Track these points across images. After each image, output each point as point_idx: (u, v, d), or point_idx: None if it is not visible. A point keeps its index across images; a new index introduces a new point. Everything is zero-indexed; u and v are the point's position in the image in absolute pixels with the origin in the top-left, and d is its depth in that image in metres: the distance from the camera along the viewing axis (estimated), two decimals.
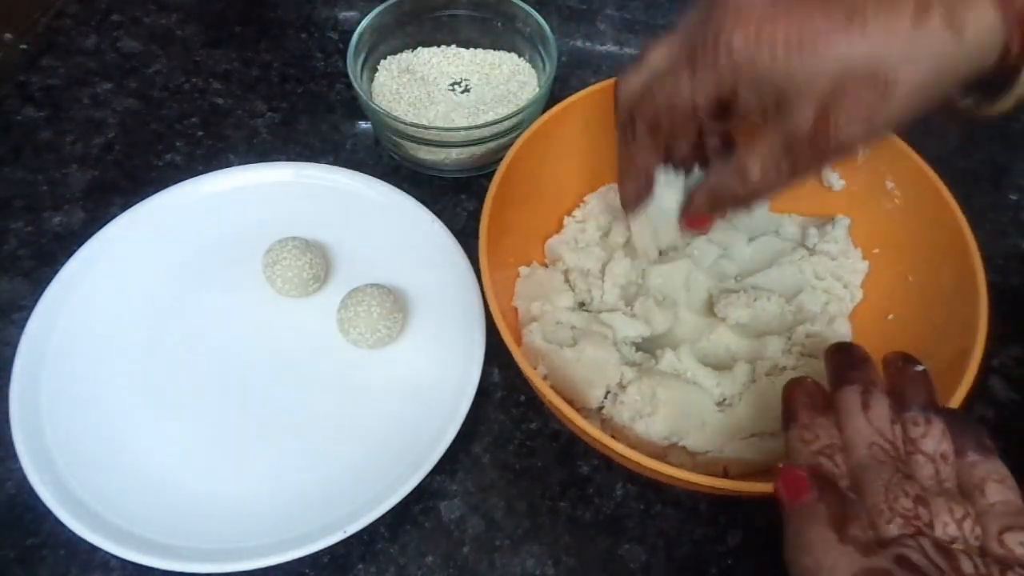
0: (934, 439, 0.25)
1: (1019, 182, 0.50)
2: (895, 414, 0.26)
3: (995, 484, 0.24)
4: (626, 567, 0.36)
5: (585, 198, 0.43)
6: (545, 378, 0.36)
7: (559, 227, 0.43)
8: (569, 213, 0.43)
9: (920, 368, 0.27)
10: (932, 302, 0.36)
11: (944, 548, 0.22)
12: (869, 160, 0.40)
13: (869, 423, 0.25)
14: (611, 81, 0.40)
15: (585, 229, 0.42)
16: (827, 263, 0.41)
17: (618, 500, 0.37)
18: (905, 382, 0.27)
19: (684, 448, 0.35)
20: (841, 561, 0.21)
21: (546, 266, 0.42)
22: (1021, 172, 0.50)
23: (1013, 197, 0.49)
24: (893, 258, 0.40)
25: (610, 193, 0.43)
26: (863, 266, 0.41)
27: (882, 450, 0.24)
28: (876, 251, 0.41)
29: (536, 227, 0.42)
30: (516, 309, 0.40)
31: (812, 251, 0.41)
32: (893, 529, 0.22)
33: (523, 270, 0.41)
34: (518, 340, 0.37)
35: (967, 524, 0.23)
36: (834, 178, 0.42)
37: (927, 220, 0.37)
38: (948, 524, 0.23)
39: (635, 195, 0.35)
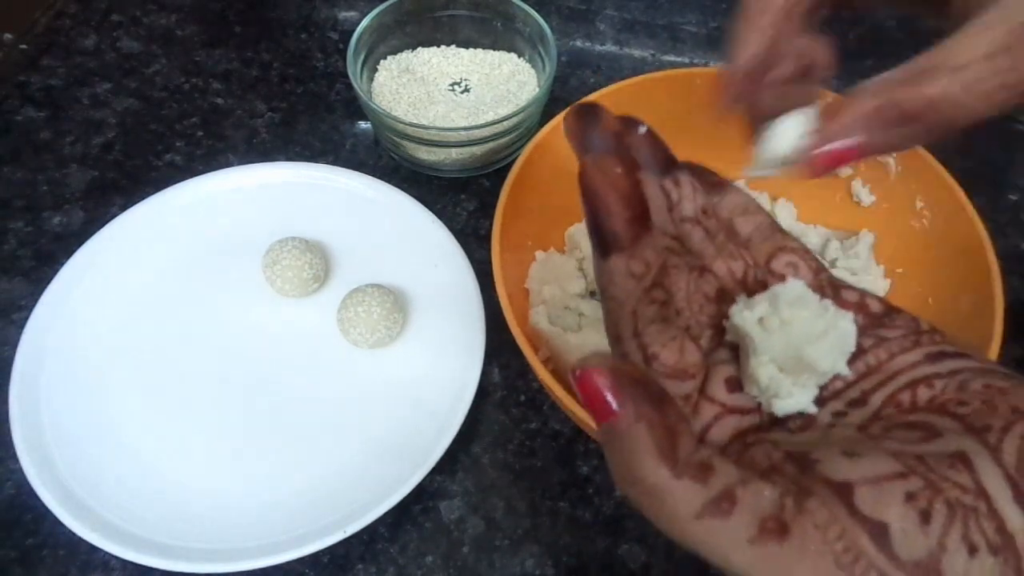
0: (688, 199, 0.22)
1: (1019, 182, 0.50)
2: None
3: (741, 217, 0.23)
4: (626, 567, 0.36)
5: None
6: (547, 361, 0.36)
7: (582, 217, 0.43)
8: None
9: (644, 129, 0.23)
10: (948, 327, 0.36)
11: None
12: (901, 176, 0.40)
13: (680, 214, 0.22)
14: (640, 78, 0.40)
15: None
16: (847, 278, 0.41)
17: (618, 500, 0.37)
18: (641, 148, 0.23)
19: None
20: (681, 504, 0.17)
21: (564, 252, 0.42)
22: (1021, 172, 0.50)
23: (1013, 197, 0.49)
24: (915, 279, 0.40)
25: None
26: (884, 284, 0.41)
27: (671, 250, 0.22)
28: (900, 271, 0.41)
29: (559, 214, 0.42)
30: (527, 291, 0.40)
31: (832, 265, 0.41)
32: (705, 343, 0.21)
33: (539, 254, 0.41)
34: (523, 322, 0.37)
35: (749, 275, 0.22)
36: (864, 192, 0.42)
37: (952, 244, 0.37)
38: (734, 288, 0.21)
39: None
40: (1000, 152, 0.51)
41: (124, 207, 0.44)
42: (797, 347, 0.19)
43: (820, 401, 0.20)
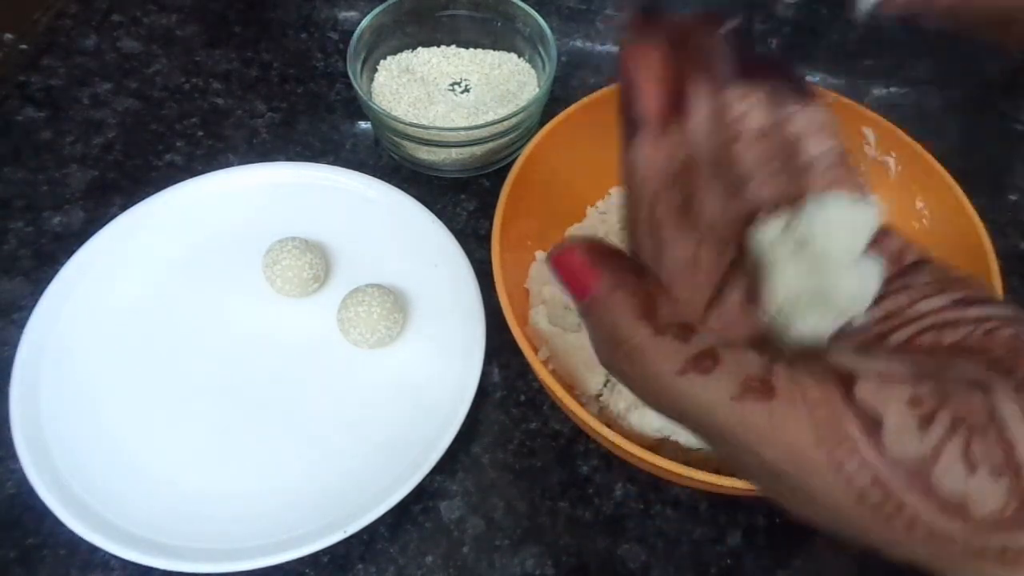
0: (758, 113, 0.20)
1: (1019, 182, 0.50)
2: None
3: (813, 137, 0.20)
4: (626, 567, 0.36)
5: (611, 190, 0.44)
6: (546, 362, 0.36)
7: (583, 217, 0.43)
8: (593, 204, 0.43)
9: (730, 25, 0.21)
10: None
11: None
12: (901, 177, 0.40)
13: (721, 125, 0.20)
14: None
15: (606, 220, 0.42)
16: None
17: (618, 500, 0.37)
18: (715, 49, 0.21)
19: (677, 443, 0.35)
20: (664, 359, 0.17)
21: None
22: (1021, 172, 0.50)
23: (1013, 197, 0.49)
24: None
25: None
26: None
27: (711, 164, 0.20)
28: None
29: (559, 214, 0.42)
30: (528, 291, 0.40)
31: None
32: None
33: (539, 254, 0.41)
34: (523, 322, 0.37)
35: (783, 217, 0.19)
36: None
37: (952, 244, 0.37)
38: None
39: None
40: (1000, 152, 0.51)
41: (124, 207, 0.44)
42: (820, 276, 0.18)
43: (834, 340, 0.19)
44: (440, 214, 0.43)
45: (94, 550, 0.33)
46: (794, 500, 0.17)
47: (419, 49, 0.51)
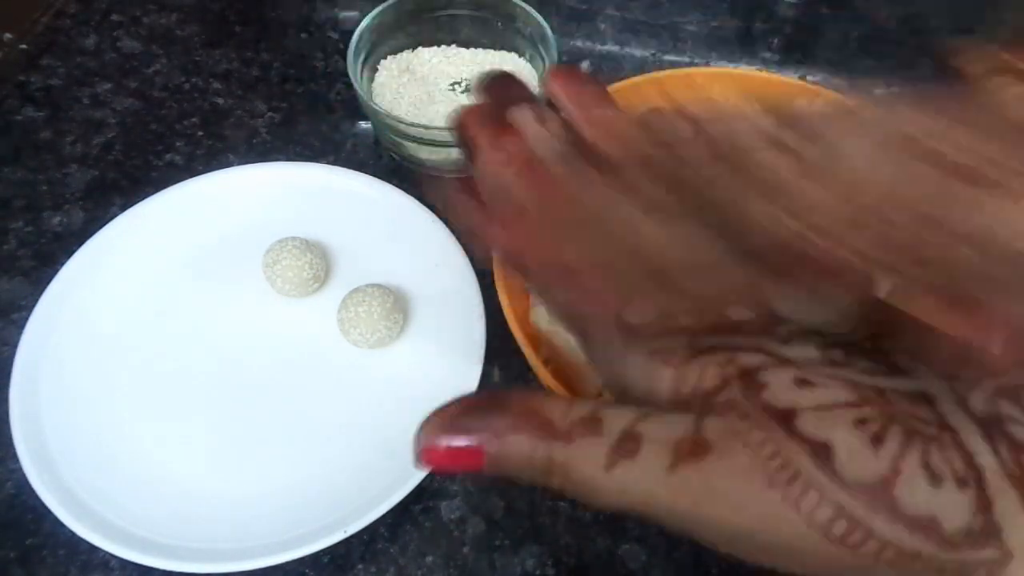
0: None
1: None
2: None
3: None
4: (626, 567, 0.36)
5: None
6: (546, 362, 0.36)
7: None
8: None
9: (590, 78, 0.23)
10: None
11: None
12: None
13: (548, 132, 0.22)
14: (640, 78, 0.40)
15: None
16: None
17: None
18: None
19: None
20: (588, 463, 0.16)
21: None
22: None
23: None
24: None
25: None
26: None
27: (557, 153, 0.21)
28: None
29: None
30: (528, 292, 0.40)
31: None
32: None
33: None
34: (524, 322, 0.37)
35: None
36: None
37: None
38: None
39: None
40: None
41: (124, 207, 0.44)
42: None
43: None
44: (440, 214, 0.43)
45: (94, 550, 0.33)
46: (766, 553, 0.15)
47: (419, 49, 0.51)
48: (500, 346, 0.38)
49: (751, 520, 0.15)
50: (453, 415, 0.18)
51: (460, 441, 0.17)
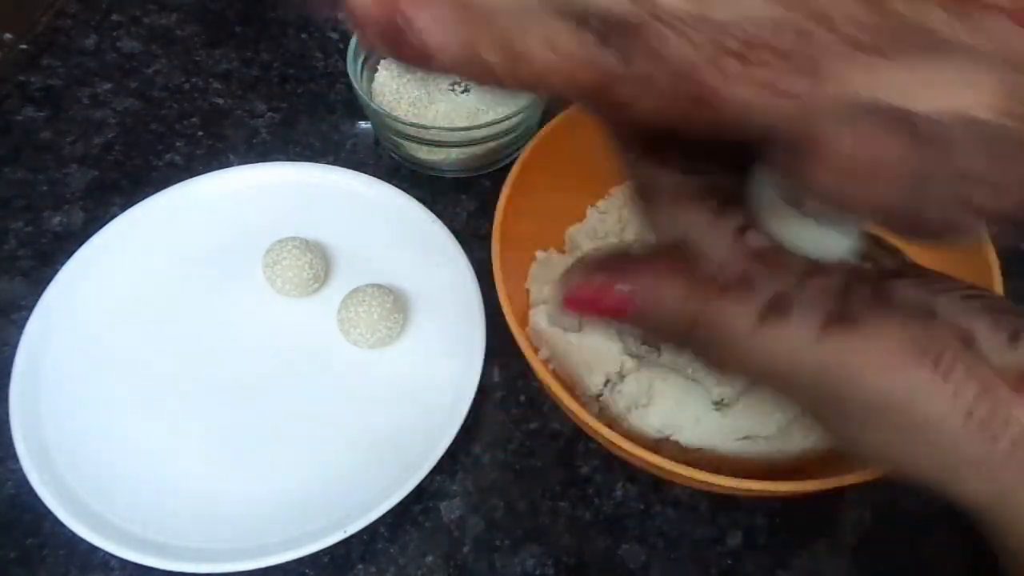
0: None
1: None
2: None
3: None
4: (626, 567, 0.36)
5: (612, 190, 0.43)
6: (547, 362, 0.36)
7: (583, 217, 0.43)
8: (593, 204, 0.43)
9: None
10: None
11: None
12: None
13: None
14: None
15: (606, 220, 0.42)
16: None
17: (618, 500, 0.37)
18: None
19: (677, 443, 0.35)
20: (737, 321, 0.15)
21: (564, 253, 0.42)
22: None
23: None
24: None
25: None
26: None
27: None
28: None
29: (559, 214, 0.42)
30: (528, 291, 0.40)
31: None
32: None
33: (539, 254, 0.41)
34: (523, 322, 0.37)
35: None
36: None
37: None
38: None
39: None
40: None
41: (124, 207, 0.44)
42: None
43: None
44: (440, 214, 0.43)
45: (94, 550, 0.33)
46: (896, 440, 0.15)
47: None
48: (500, 346, 0.38)
49: (897, 392, 0.15)
50: (608, 260, 0.17)
51: (614, 282, 0.16)
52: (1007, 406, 0.14)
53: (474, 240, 0.44)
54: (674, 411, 0.35)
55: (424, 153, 0.46)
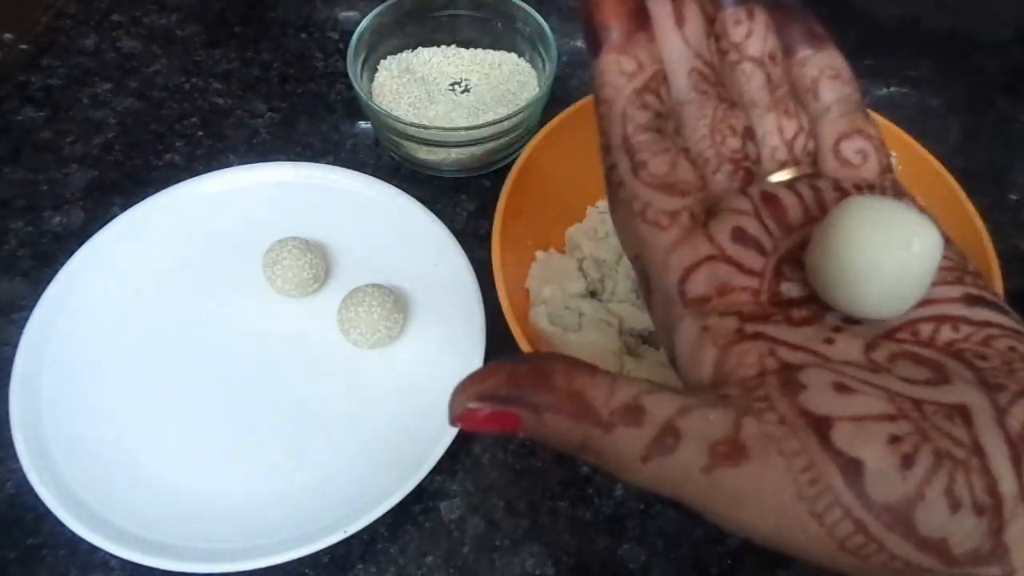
0: (759, 37, 0.20)
1: (1019, 182, 0.50)
2: (708, 24, 0.21)
3: (829, 81, 0.20)
4: (626, 567, 0.36)
5: None
6: None
7: (583, 217, 0.43)
8: (594, 204, 0.43)
9: None
10: None
11: (769, 197, 0.19)
12: (901, 176, 0.39)
13: (685, 42, 0.20)
14: None
15: (606, 220, 0.42)
16: None
17: (618, 500, 0.37)
18: None
19: None
20: (624, 452, 0.16)
21: (564, 253, 0.42)
22: (1021, 172, 0.50)
23: (1013, 197, 0.49)
24: None
25: None
26: None
27: (702, 77, 0.20)
28: None
29: (559, 214, 0.42)
30: (528, 291, 0.40)
31: None
32: (721, 179, 0.20)
33: (540, 254, 0.41)
34: (524, 322, 0.37)
35: (799, 142, 0.20)
36: None
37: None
38: (777, 149, 0.20)
39: None
40: (1000, 152, 0.51)
41: (124, 207, 0.44)
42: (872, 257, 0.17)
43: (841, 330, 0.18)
44: (440, 214, 0.43)
45: (94, 550, 0.33)
46: (784, 549, 0.16)
47: (419, 49, 0.51)
48: (500, 346, 0.38)
49: (776, 524, 0.15)
50: (493, 384, 0.17)
51: (498, 410, 0.17)
52: (880, 538, 0.15)
53: (474, 240, 0.44)
54: None
55: (424, 153, 0.46)
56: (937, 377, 0.16)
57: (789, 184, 0.20)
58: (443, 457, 0.35)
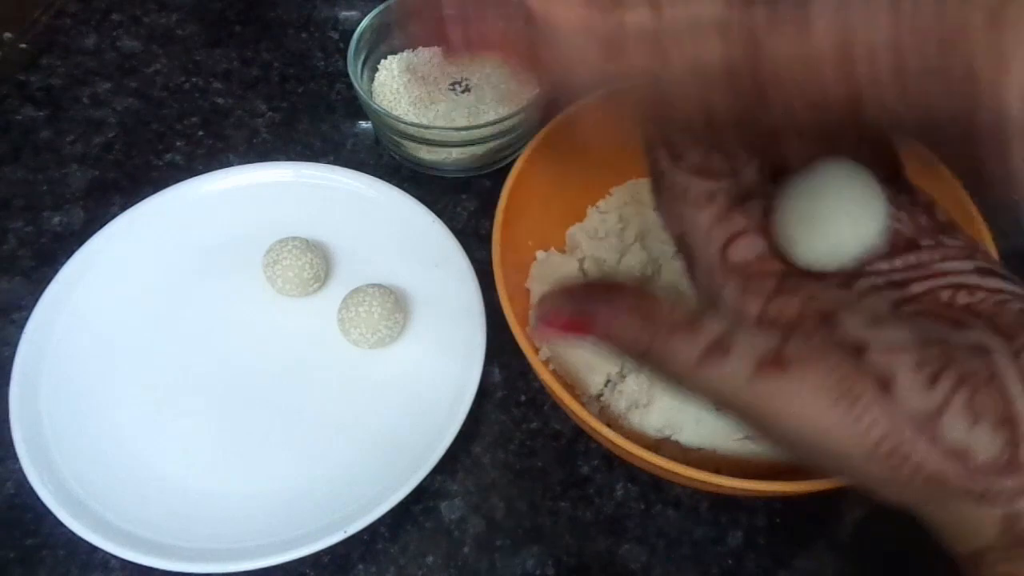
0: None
1: None
2: None
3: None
4: (626, 567, 0.36)
5: (611, 190, 0.43)
6: (547, 362, 0.36)
7: (583, 217, 0.43)
8: (594, 203, 0.43)
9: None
10: None
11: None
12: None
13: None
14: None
15: (606, 220, 0.42)
16: None
17: (618, 500, 0.37)
18: None
19: (677, 443, 0.35)
20: (681, 356, 0.19)
21: (564, 252, 0.42)
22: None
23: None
24: None
25: (636, 187, 0.43)
26: None
27: None
28: None
29: (559, 214, 0.42)
30: (528, 291, 0.40)
31: None
32: (750, 172, 0.22)
33: (540, 254, 0.41)
34: (524, 322, 0.37)
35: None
36: None
37: None
38: None
39: None
40: None
41: (124, 207, 0.44)
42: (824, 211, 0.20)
43: (861, 273, 0.21)
44: (440, 214, 0.43)
45: (94, 550, 0.33)
46: (817, 460, 0.18)
47: (419, 49, 0.51)
48: (500, 346, 0.38)
49: (816, 428, 0.17)
50: (574, 293, 0.20)
51: (576, 319, 0.20)
52: (909, 444, 0.17)
53: (474, 240, 0.44)
54: (674, 411, 0.35)
55: (424, 153, 0.46)
56: (957, 325, 0.18)
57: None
58: (443, 457, 0.35)
